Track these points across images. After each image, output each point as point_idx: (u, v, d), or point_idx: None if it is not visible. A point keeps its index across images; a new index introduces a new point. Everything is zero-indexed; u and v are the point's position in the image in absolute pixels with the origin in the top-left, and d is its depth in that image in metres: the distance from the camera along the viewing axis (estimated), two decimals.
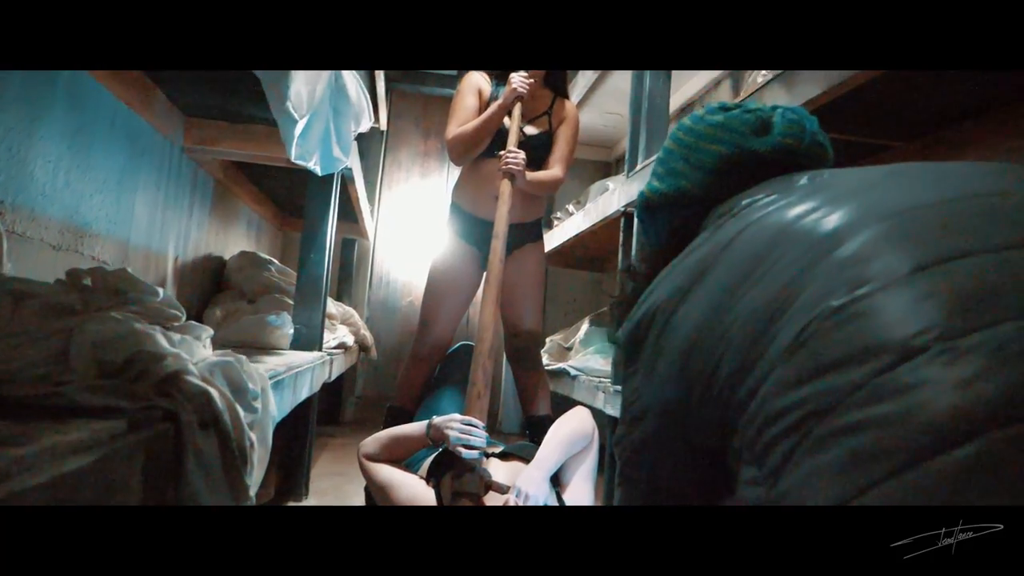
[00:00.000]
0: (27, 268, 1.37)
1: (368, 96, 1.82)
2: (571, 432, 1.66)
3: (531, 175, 2.02)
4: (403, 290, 4.21)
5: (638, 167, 2.18)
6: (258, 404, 0.88)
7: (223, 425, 0.73)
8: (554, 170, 2.12)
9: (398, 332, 4.17)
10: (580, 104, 3.37)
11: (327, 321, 2.52)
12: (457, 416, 1.61)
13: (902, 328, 0.44)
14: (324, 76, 1.36)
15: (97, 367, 0.67)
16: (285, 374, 1.34)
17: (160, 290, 0.92)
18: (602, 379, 2.56)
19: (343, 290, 3.92)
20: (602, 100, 3.34)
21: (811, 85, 1.27)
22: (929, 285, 0.45)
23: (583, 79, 3.15)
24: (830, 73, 1.20)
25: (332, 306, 2.73)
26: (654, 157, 2.05)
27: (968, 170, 0.58)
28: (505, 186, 1.95)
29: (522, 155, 1.97)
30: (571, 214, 3.28)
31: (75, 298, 0.79)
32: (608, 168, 4.28)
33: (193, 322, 0.95)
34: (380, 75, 3.23)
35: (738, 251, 0.61)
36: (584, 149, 4.07)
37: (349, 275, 3.95)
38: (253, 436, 0.82)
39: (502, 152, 1.99)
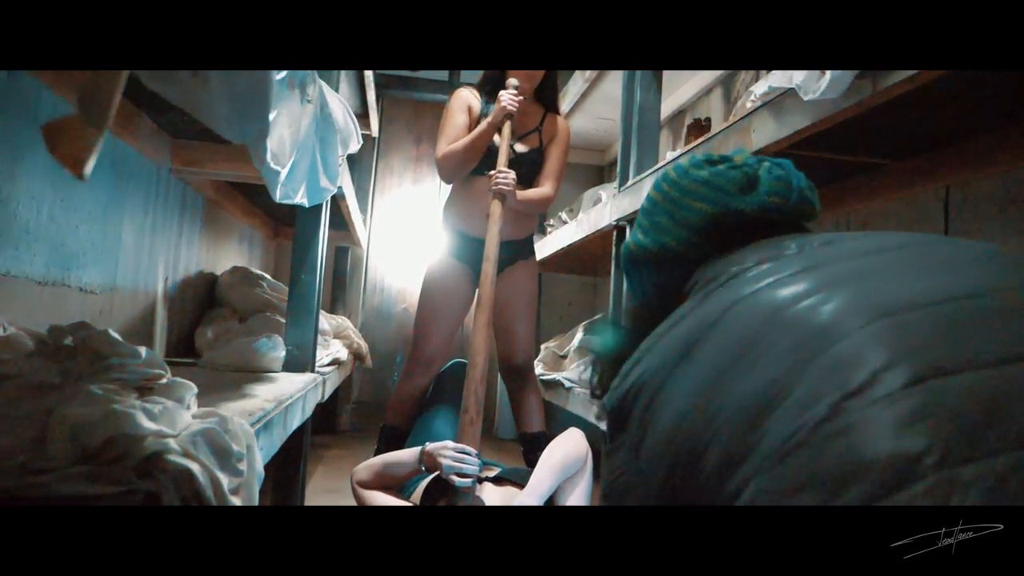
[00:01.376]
0: (13, 307, 1.35)
1: (355, 121, 1.80)
2: (564, 456, 1.66)
3: (521, 194, 2.01)
4: (398, 296, 4.20)
5: (629, 182, 2.17)
6: (243, 465, 0.88)
7: (206, 502, 0.72)
8: (544, 188, 2.11)
9: (393, 338, 4.16)
10: (572, 110, 3.36)
11: (319, 337, 2.51)
12: (450, 444, 1.61)
13: (897, 450, 0.43)
14: (308, 111, 1.35)
15: (75, 452, 0.67)
16: (274, 412, 1.34)
17: (143, 350, 0.91)
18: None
19: (337, 298, 3.91)
20: (594, 106, 3.32)
21: (799, 115, 1.26)
22: (923, 403, 0.44)
23: (574, 86, 3.14)
24: (819, 105, 1.19)
25: (324, 321, 2.72)
26: (646, 173, 2.05)
27: (964, 256, 0.57)
28: (496, 207, 1.94)
29: (512, 175, 1.96)
30: (564, 222, 3.27)
31: (54, 371, 0.78)
32: (601, 172, 4.27)
33: (177, 380, 0.95)
34: (370, 84, 3.20)
35: (727, 331, 0.60)
36: (577, 153, 4.06)
37: (343, 283, 3.93)
38: (238, 502, 0.81)
39: (492, 172, 1.98)
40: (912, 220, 1.69)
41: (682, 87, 3.03)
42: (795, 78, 1.21)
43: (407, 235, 4.19)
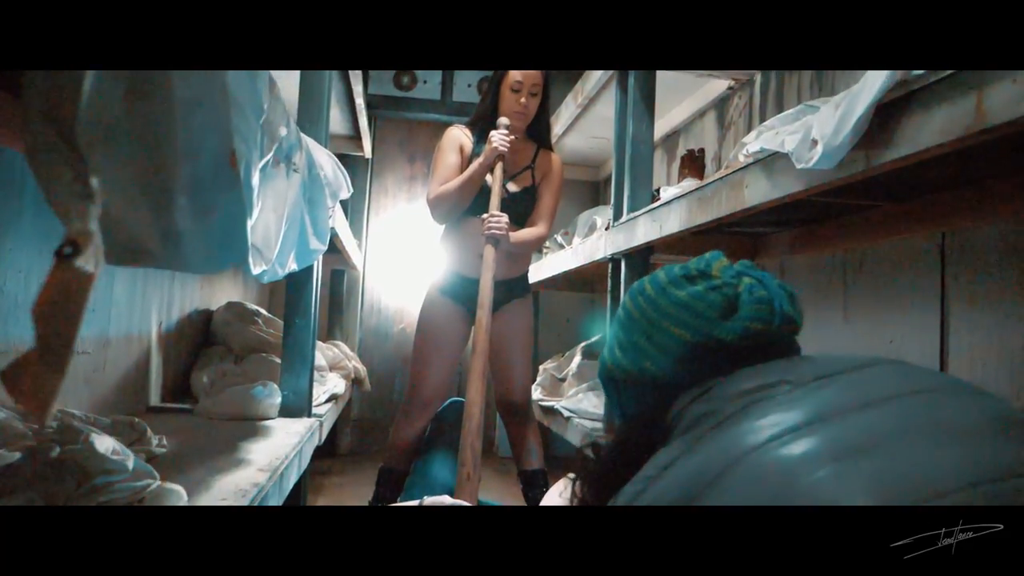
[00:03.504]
0: None
1: (344, 170, 1.79)
2: None
3: (514, 236, 2.00)
4: (395, 316, 4.18)
5: (623, 219, 2.16)
6: None
7: None
8: (538, 227, 2.10)
9: (391, 358, 4.15)
10: (566, 132, 3.35)
11: (316, 374, 2.50)
12: (447, 499, 1.59)
13: None
14: (296, 181, 1.33)
15: None
16: (269, 484, 1.32)
17: (129, 463, 0.89)
18: (595, 421, 2.55)
19: (334, 322, 3.89)
20: (587, 126, 3.31)
21: (792, 178, 1.25)
22: None
23: (567, 110, 3.13)
24: (812, 173, 1.17)
25: (320, 356, 2.71)
26: (639, 212, 2.04)
27: (974, 420, 0.55)
28: (489, 252, 1.92)
29: (505, 219, 1.95)
30: (560, 245, 3.26)
31: (39, 498, 0.77)
32: (596, 188, 4.26)
33: (165, 487, 0.93)
34: (362, 111, 3.19)
35: (735, 492, 0.56)
36: (573, 170, 4.07)
37: (340, 306, 3.92)
38: None
39: (485, 216, 1.96)
40: (907, 264, 1.68)
41: (675, 108, 3.01)
42: (787, 143, 1.20)
43: (403, 254, 4.17)
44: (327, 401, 2.57)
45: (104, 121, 0.47)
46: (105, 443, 0.96)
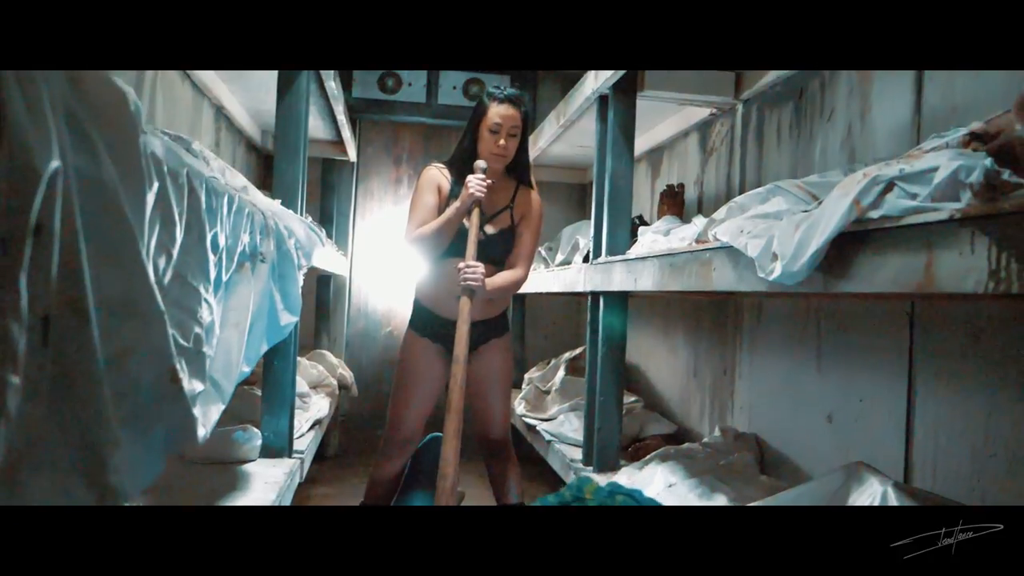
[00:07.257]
0: None
1: (318, 229, 1.78)
2: None
3: (491, 282, 1.99)
4: (383, 319, 4.19)
5: (601, 259, 2.16)
6: None
7: None
8: (516, 270, 2.09)
9: (378, 361, 4.18)
10: (550, 145, 3.33)
11: (298, 400, 2.52)
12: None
13: None
14: (263, 270, 1.33)
15: None
16: None
17: None
18: (575, 447, 2.59)
19: (321, 328, 3.91)
20: (572, 136, 3.28)
21: (756, 276, 1.25)
22: None
23: (549, 127, 3.10)
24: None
25: (302, 381, 2.72)
26: (617, 258, 2.04)
27: None
28: (464, 303, 1.92)
29: (480, 269, 1.94)
30: (544, 260, 3.26)
31: None
32: (583, 190, 4.24)
33: None
34: (344, 124, 3.15)
35: None
36: (559, 173, 4.06)
37: (326, 312, 3.93)
38: None
39: (461, 265, 1.95)
40: (878, 325, 1.69)
41: (660, 125, 2.99)
42: (750, 248, 1.20)
43: (389, 257, 4.16)
44: (311, 428, 2.59)
45: (25, 427, 0.48)
46: None
